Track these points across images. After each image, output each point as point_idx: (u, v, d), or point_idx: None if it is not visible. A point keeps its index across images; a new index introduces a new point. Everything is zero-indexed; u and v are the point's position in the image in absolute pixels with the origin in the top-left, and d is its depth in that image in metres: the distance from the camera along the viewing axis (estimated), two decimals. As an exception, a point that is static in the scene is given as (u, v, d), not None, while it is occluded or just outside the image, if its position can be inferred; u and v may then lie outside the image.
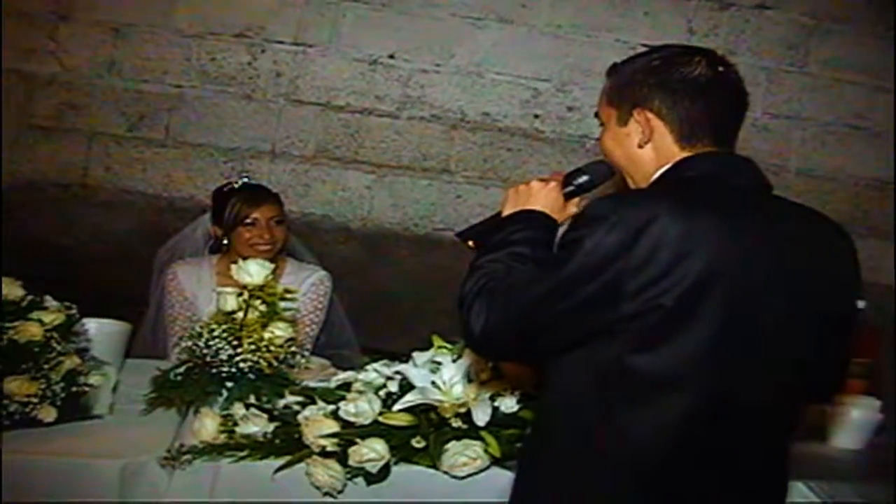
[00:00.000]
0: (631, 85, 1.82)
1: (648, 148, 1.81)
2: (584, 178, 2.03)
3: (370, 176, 4.45)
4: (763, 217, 1.71)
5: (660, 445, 1.64)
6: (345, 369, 2.56)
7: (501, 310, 1.63)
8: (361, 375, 2.36)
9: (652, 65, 1.81)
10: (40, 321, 2.27)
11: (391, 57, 4.40)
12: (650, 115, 1.79)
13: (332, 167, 4.43)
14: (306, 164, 4.42)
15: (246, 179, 3.40)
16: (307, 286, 3.30)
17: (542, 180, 1.98)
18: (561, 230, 1.79)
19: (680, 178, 1.76)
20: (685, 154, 1.78)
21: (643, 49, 1.92)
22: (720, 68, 1.80)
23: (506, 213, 1.93)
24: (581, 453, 1.69)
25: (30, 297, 2.35)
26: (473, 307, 1.65)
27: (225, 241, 3.30)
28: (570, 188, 2.02)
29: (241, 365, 2.36)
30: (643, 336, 1.59)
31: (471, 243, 2.08)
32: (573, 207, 2.01)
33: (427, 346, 2.36)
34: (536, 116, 4.49)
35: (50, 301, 2.38)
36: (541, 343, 1.68)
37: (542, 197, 1.94)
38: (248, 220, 3.23)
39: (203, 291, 3.21)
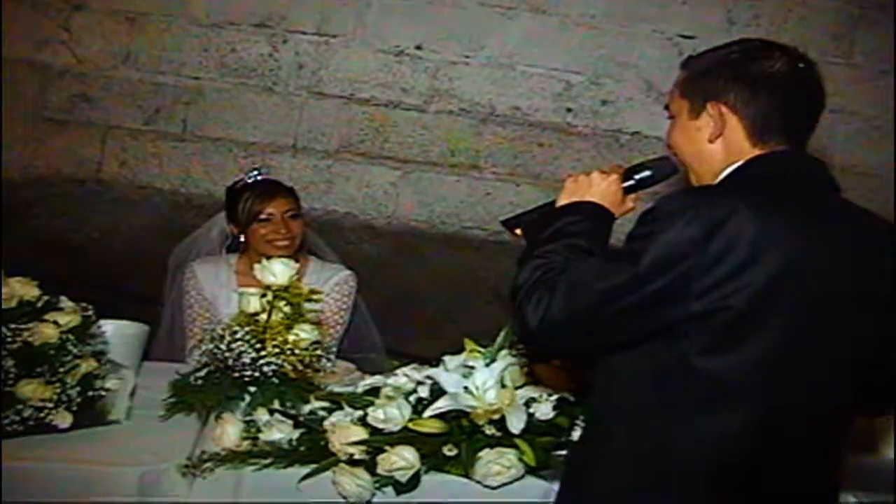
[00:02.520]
0: (707, 77, 1.81)
1: (718, 143, 1.79)
2: (645, 174, 2.02)
3: (396, 172, 4.43)
4: (832, 222, 1.73)
5: (729, 450, 1.65)
6: (370, 373, 2.58)
7: (564, 303, 1.60)
8: (390, 380, 2.34)
9: (730, 57, 1.81)
10: (56, 322, 2.27)
11: (418, 48, 4.38)
12: (724, 109, 1.78)
13: (356, 163, 4.42)
14: (329, 160, 4.41)
15: (257, 174, 3.38)
16: (331, 286, 3.28)
17: (602, 172, 1.96)
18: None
19: (752, 176, 1.75)
20: (756, 151, 1.77)
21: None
22: (800, 64, 1.79)
23: (562, 202, 1.91)
24: (641, 457, 1.69)
25: (45, 298, 2.34)
26: (531, 299, 1.63)
27: (242, 240, 3.30)
28: (630, 183, 2.00)
29: (265, 368, 2.35)
30: (712, 337, 1.60)
31: (518, 231, 2.08)
32: (630, 202, 2.02)
33: (455, 348, 2.34)
34: (569, 110, 4.44)
35: (65, 302, 2.38)
36: (601, 339, 1.68)
37: (602, 189, 1.92)
38: (263, 216, 3.22)
39: (223, 292, 3.20)
